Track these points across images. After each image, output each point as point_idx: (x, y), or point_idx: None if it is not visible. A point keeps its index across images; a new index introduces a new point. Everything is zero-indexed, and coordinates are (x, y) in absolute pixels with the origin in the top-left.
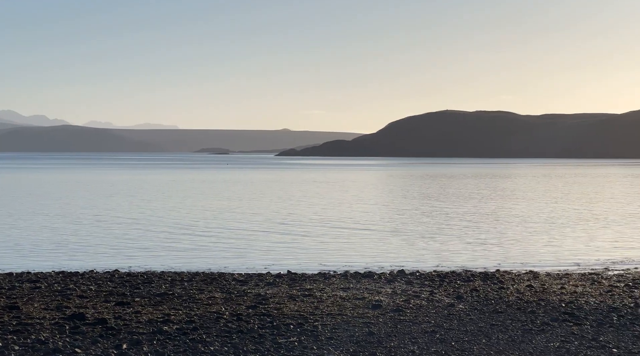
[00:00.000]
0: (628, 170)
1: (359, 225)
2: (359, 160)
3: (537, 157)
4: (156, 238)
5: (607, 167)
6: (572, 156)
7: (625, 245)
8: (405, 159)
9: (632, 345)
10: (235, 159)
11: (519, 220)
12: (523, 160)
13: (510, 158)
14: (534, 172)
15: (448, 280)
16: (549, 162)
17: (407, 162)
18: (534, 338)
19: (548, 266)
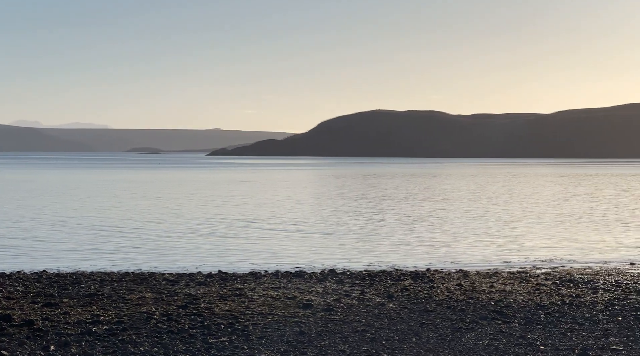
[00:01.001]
0: (556, 169)
1: (289, 224)
2: (290, 160)
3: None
4: (84, 239)
5: (536, 167)
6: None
7: (553, 244)
8: (337, 159)
9: (558, 342)
10: (166, 159)
11: (448, 219)
12: (454, 159)
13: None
14: (464, 172)
15: (379, 279)
16: (480, 162)
17: (338, 162)
18: (464, 337)
19: (478, 265)
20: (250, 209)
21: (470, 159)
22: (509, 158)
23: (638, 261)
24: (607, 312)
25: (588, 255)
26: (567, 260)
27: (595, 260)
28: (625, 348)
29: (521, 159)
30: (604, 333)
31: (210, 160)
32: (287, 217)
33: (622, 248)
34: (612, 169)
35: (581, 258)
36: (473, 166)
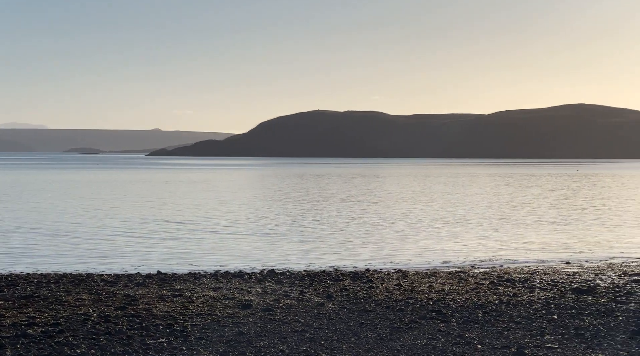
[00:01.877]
0: (494, 170)
1: (227, 226)
2: (230, 160)
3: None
4: (19, 241)
5: (474, 167)
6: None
7: (491, 244)
8: (277, 159)
9: (495, 340)
10: (106, 159)
11: (388, 220)
12: (393, 159)
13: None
14: (403, 172)
15: (318, 280)
16: (419, 162)
17: (278, 162)
18: (402, 336)
19: (417, 265)
20: (188, 210)
21: (410, 159)
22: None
23: (573, 260)
24: (543, 311)
25: (525, 254)
26: (505, 259)
27: (532, 259)
28: (560, 346)
29: (461, 159)
30: (539, 332)
31: (150, 160)
32: (226, 218)
33: (558, 247)
34: (549, 169)
35: (519, 257)
36: (412, 166)
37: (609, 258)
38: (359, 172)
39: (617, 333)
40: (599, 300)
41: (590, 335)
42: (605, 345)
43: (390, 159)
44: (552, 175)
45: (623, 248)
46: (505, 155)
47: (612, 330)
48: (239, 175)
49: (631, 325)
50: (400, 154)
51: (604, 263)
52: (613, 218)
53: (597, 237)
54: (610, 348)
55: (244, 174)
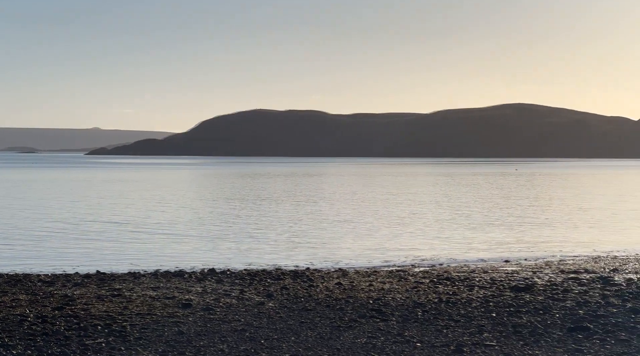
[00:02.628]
0: (434, 169)
1: (167, 225)
2: (170, 159)
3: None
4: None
5: (415, 166)
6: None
7: (432, 243)
8: (217, 158)
9: (434, 339)
10: (43, 158)
11: (329, 219)
12: (334, 159)
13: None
14: (343, 171)
15: (258, 279)
16: (360, 161)
17: (218, 161)
18: (342, 335)
19: (357, 264)
20: (126, 210)
21: (352, 159)
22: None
23: (512, 259)
24: (482, 309)
25: (465, 253)
26: (445, 258)
27: (472, 258)
28: (499, 344)
29: (402, 159)
30: (478, 330)
31: (89, 159)
32: (165, 218)
33: (497, 246)
34: (489, 168)
35: (458, 256)
36: (353, 166)
37: (547, 257)
38: (299, 171)
39: (554, 331)
40: (536, 297)
41: (527, 333)
42: (542, 342)
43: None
44: (491, 174)
45: (560, 246)
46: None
47: (549, 327)
48: (178, 175)
49: (567, 322)
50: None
51: (541, 262)
52: (551, 217)
53: (535, 236)
54: (547, 345)
55: (183, 173)
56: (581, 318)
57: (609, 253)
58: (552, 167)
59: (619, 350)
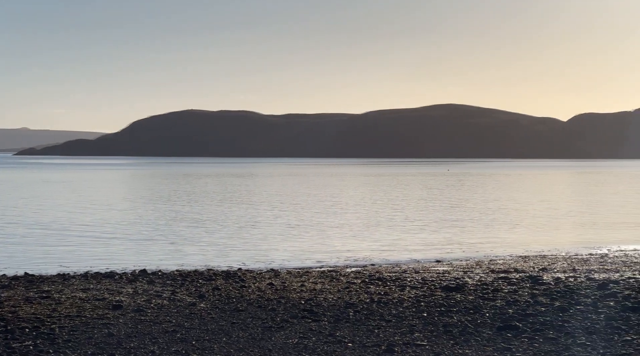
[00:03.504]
0: (366, 169)
1: (98, 226)
2: (101, 160)
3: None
4: None
5: (347, 167)
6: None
7: (363, 243)
8: (149, 158)
9: (366, 339)
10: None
11: (260, 220)
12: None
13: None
14: (275, 172)
15: (190, 279)
16: (292, 162)
17: (151, 162)
18: (274, 335)
19: (290, 265)
20: (55, 211)
21: (284, 159)
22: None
23: (444, 259)
24: (413, 309)
25: (397, 254)
26: (377, 259)
27: (404, 258)
28: (429, 343)
29: (335, 159)
30: (409, 329)
31: (17, 160)
32: (95, 219)
33: (429, 247)
34: (421, 169)
35: (390, 257)
36: (285, 166)
37: (478, 257)
38: (231, 172)
39: (484, 330)
40: (467, 297)
41: (458, 332)
42: (472, 341)
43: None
44: (423, 175)
45: (491, 246)
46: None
47: (479, 327)
48: (108, 175)
49: (497, 321)
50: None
51: (472, 262)
52: (481, 218)
53: (466, 236)
54: (477, 344)
55: (114, 174)
56: (510, 317)
57: (538, 252)
58: (484, 168)
59: (547, 348)
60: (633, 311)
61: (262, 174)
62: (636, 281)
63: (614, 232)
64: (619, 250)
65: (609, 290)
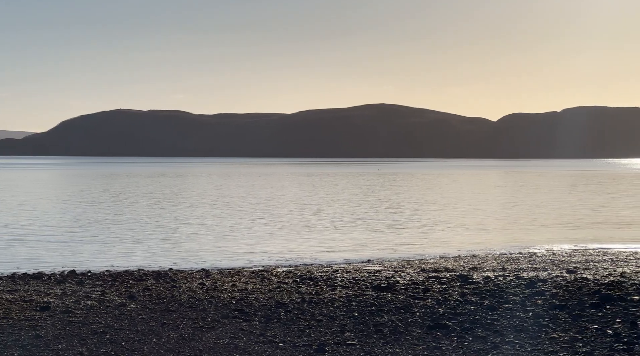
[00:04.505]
0: (298, 169)
1: (25, 226)
2: (29, 160)
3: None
4: None
5: (279, 166)
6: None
7: (295, 243)
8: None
9: (297, 338)
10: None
11: (191, 220)
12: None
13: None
14: (206, 172)
15: (120, 280)
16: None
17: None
18: (204, 336)
19: (220, 265)
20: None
21: (216, 159)
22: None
23: (375, 258)
24: (344, 308)
25: (328, 253)
26: (309, 258)
27: (335, 258)
28: (360, 343)
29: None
30: (340, 329)
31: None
32: (22, 219)
33: (360, 246)
34: (352, 168)
35: (322, 256)
36: (217, 166)
37: (409, 256)
38: (161, 171)
39: (414, 329)
40: (398, 296)
41: (388, 331)
42: (402, 341)
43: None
44: (354, 175)
45: (422, 246)
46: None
47: (410, 326)
48: (35, 175)
49: (427, 320)
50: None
51: (403, 261)
52: (413, 217)
53: (397, 236)
54: (407, 343)
55: (41, 174)
56: (441, 316)
57: (469, 252)
58: (415, 167)
59: (476, 347)
60: (560, 309)
61: (193, 174)
62: (563, 280)
63: (542, 232)
64: (547, 249)
65: (537, 288)
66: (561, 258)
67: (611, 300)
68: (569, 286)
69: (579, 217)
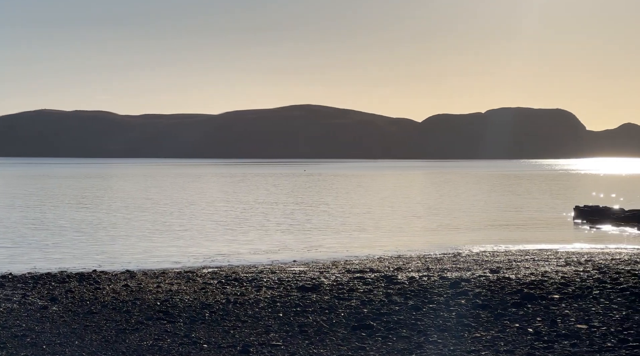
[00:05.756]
0: (223, 169)
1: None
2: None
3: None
4: None
5: (203, 167)
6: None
7: (221, 244)
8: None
9: (222, 339)
10: None
11: (116, 221)
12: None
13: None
14: (130, 173)
15: (42, 282)
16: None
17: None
18: (128, 338)
19: (145, 266)
20: None
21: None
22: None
23: (300, 259)
24: (269, 309)
25: (254, 254)
26: (234, 259)
27: (261, 259)
28: (285, 343)
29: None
30: (265, 330)
31: None
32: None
33: (286, 247)
34: (279, 169)
35: (247, 257)
36: (141, 167)
37: (334, 257)
38: (85, 172)
39: (339, 329)
40: (322, 297)
41: (313, 332)
42: (327, 341)
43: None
44: (280, 176)
45: (348, 246)
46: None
47: (334, 326)
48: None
49: (352, 320)
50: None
51: (328, 262)
52: (338, 219)
53: (323, 237)
54: (332, 343)
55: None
56: (365, 316)
57: (394, 253)
58: (341, 168)
59: (400, 347)
60: (483, 308)
61: (118, 175)
62: (487, 280)
63: (466, 233)
64: (471, 249)
65: (460, 288)
66: (484, 259)
67: (532, 299)
68: (492, 286)
69: (502, 217)
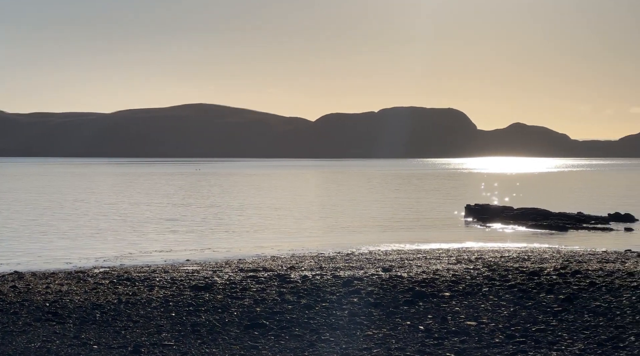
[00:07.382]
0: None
1: None
2: None
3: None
4: None
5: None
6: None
7: (113, 244)
8: None
9: (112, 340)
10: None
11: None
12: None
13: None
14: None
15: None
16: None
17: None
18: (15, 340)
19: (34, 266)
20: None
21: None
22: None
23: (193, 259)
24: (161, 309)
25: (147, 254)
26: (127, 259)
27: (154, 259)
28: (177, 343)
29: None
30: (157, 330)
31: None
32: None
33: (179, 247)
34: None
35: (140, 257)
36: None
37: (227, 256)
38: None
39: (232, 328)
40: (215, 296)
41: (205, 331)
42: (219, 340)
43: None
44: (173, 174)
45: (241, 246)
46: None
47: (227, 325)
48: None
49: (245, 319)
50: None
51: (221, 261)
52: (232, 218)
53: (216, 236)
54: (224, 343)
55: None
56: (258, 315)
57: (287, 252)
58: (234, 167)
59: (293, 345)
60: (375, 306)
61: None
62: (379, 278)
63: (360, 232)
64: (364, 248)
65: (353, 286)
66: (377, 257)
67: (424, 296)
68: (384, 285)
69: (395, 217)
